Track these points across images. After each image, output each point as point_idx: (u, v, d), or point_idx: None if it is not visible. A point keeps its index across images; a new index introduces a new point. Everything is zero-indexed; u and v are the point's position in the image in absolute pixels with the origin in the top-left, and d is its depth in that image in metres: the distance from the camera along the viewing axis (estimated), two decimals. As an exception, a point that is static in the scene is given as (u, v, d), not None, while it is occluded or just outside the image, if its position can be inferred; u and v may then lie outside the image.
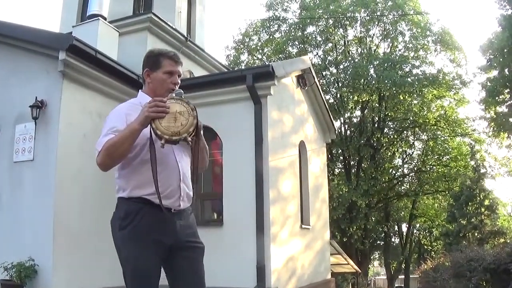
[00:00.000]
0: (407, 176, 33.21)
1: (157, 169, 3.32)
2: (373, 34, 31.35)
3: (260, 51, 34.22)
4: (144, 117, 3.19)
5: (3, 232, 9.46)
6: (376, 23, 30.48)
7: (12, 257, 8.80)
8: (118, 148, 3.27)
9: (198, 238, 3.68)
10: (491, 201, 27.92)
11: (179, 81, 3.69)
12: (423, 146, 32.14)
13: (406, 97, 28.76)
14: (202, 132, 3.55)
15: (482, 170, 29.35)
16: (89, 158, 9.92)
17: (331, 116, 16.27)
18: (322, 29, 30.98)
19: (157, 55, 3.71)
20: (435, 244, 40.54)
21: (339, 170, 32.57)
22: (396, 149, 31.88)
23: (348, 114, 30.38)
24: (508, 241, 21.34)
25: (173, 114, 3.22)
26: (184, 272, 3.55)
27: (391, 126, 31.63)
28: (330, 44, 31.56)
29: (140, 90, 3.79)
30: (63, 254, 9.10)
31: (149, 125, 3.23)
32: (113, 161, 3.40)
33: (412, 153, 33.34)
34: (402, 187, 32.84)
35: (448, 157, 31.00)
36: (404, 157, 33.68)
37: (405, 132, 31.42)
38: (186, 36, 15.19)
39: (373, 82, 27.84)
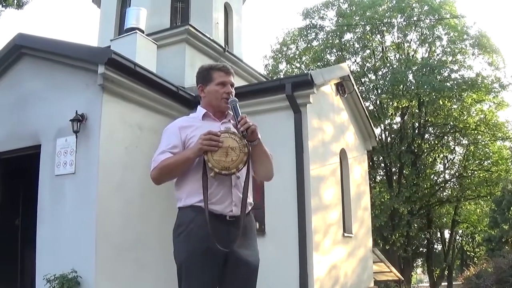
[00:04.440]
0: (449, 182, 32.79)
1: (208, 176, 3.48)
2: (411, 40, 31.06)
3: (298, 59, 34.11)
4: (198, 149, 3.42)
5: (46, 244, 9.51)
6: (413, 28, 30.17)
7: (55, 269, 8.84)
8: (171, 170, 3.53)
9: (254, 249, 3.72)
10: (533, 205, 27.44)
11: (233, 91, 3.77)
12: (464, 151, 31.79)
13: (446, 102, 28.39)
14: (259, 137, 3.64)
15: (524, 174, 28.91)
16: (131, 171, 10.02)
17: (372, 123, 16.15)
18: (359, 35, 30.81)
19: (207, 69, 3.82)
20: (478, 250, 39.94)
21: (381, 177, 32.38)
22: (437, 155, 31.44)
23: (388, 121, 30.07)
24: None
25: (225, 149, 3.43)
26: None
27: (432, 131, 31.26)
28: (368, 51, 31.33)
29: (198, 106, 3.89)
30: (106, 266, 9.13)
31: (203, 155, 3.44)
32: (166, 179, 3.62)
33: (453, 158, 32.95)
34: (444, 193, 32.48)
35: (489, 161, 30.67)
36: (445, 162, 33.29)
37: (445, 137, 31.05)
38: (224, 47, 15.23)
39: (412, 87, 27.59)
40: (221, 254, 3.45)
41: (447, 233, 38.63)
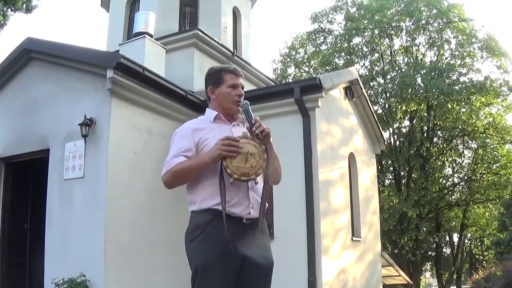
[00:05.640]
0: (458, 185, 32.73)
1: (225, 179, 3.40)
2: (419, 43, 30.99)
3: (307, 63, 34.09)
4: (217, 154, 3.34)
5: (54, 248, 9.55)
6: (422, 31, 30.16)
7: (63, 273, 8.85)
8: (186, 174, 3.45)
9: (269, 252, 3.68)
10: (542, 208, 27.31)
11: (243, 93, 3.74)
12: (472, 155, 31.63)
13: (454, 105, 28.35)
14: (271, 141, 3.59)
15: (532, 177, 28.81)
16: (139, 175, 10.03)
17: (380, 127, 16.12)
18: (368, 39, 30.76)
19: (218, 71, 3.78)
20: (487, 253, 39.89)
21: (389, 181, 32.24)
22: (446, 159, 31.38)
23: (397, 125, 30.04)
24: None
25: (244, 155, 3.35)
26: None
27: (440, 135, 31.12)
28: (376, 55, 31.35)
29: (207, 108, 3.84)
30: (115, 270, 9.14)
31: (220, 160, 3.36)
32: (179, 183, 3.54)
33: (462, 161, 32.76)
34: (453, 197, 32.35)
35: (497, 165, 30.60)
36: (454, 166, 33.10)
37: (454, 141, 30.93)
38: (232, 51, 15.26)
39: (421, 91, 27.55)
40: (239, 257, 3.41)
41: (455, 237, 38.53)
